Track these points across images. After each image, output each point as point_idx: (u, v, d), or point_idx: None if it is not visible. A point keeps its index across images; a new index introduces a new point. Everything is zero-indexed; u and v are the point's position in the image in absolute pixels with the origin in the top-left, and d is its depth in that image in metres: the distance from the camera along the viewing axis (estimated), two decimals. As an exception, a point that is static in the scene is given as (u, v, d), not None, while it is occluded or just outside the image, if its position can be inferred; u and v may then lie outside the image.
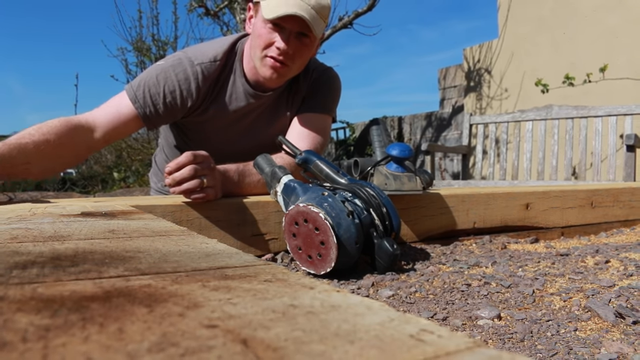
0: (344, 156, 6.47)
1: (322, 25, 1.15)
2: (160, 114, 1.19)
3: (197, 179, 0.87)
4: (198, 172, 0.88)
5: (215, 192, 0.92)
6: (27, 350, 0.18)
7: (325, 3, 1.13)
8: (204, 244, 0.43)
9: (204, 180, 0.88)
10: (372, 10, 4.66)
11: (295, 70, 1.22)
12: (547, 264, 0.86)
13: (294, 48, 1.15)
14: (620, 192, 1.40)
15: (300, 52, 1.17)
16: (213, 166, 0.92)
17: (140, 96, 1.17)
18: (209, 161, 0.91)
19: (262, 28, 1.15)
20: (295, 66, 1.20)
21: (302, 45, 1.16)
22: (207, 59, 1.21)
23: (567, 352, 0.50)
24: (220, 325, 0.21)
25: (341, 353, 0.18)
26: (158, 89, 1.17)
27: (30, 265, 0.33)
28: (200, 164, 0.89)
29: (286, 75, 1.21)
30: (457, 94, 5.42)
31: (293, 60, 1.17)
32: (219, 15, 5.12)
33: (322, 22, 1.15)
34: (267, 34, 1.14)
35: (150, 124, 1.20)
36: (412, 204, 1.08)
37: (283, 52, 1.14)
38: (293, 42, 1.14)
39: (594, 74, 3.46)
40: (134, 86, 1.18)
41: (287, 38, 1.13)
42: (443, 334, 0.20)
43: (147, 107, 1.17)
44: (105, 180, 7.15)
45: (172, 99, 1.19)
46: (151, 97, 1.17)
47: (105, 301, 0.25)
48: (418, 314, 0.62)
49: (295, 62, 1.18)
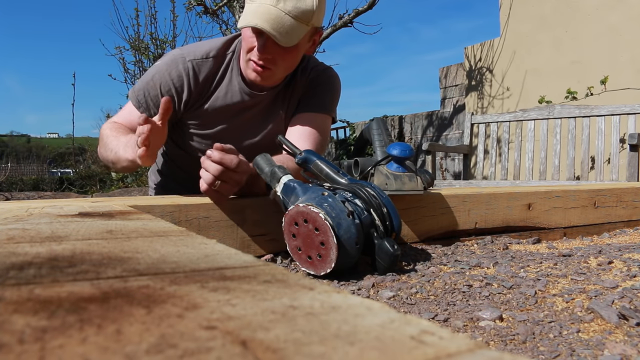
0: (344, 156, 6.47)
1: (301, 30, 1.12)
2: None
3: (213, 177, 0.88)
4: (222, 175, 0.88)
5: (229, 191, 0.92)
6: (24, 352, 0.18)
7: (306, 7, 1.10)
8: (202, 244, 0.43)
9: (217, 183, 0.89)
10: (372, 8, 4.66)
11: (282, 72, 1.22)
12: (550, 265, 0.86)
13: (274, 52, 1.14)
14: (624, 192, 1.40)
15: (282, 56, 1.16)
16: (238, 169, 0.90)
17: (142, 100, 1.23)
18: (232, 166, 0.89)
19: (246, 32, 1.16)
20: (280, 69, 1.20)
21: (282, 50, 1.15)
22: (200, 55, 1.24)
23: (570, 353, 0.50)
24: (219, 327, 0.21)
25: (341, 354, 0.18)
26: (156, 91, 1.22)
27: (27, 266, 0.33)
28: (226, 167, 0.88)
29: (271, 77, 1.21)
30: (459, 93, 5.42)
31: (275, 64, 1.17)
32: (217, 13, 5.11)
33: (302, 26, 1.11)
34: (249, 38, 1.15)
35: None
36: (413, 204, 1.08)
37: (262, 57, 1.15)
38: (271, 48, 1.14)
39: (595, 87, 3.47)
40: (135, 91, 1.24)
41: (263, 44, 1.13)
42: (444, 336, 0.20)
43: (150, 109, 1.22)
44: (103, 180, 7.16)
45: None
46: (152, 100, 1.22)
47: (103, 302, 0.24)
48: (419, 315, 0.62)
49: (278, 66, 1.18)
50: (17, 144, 36.69)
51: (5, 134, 48.12)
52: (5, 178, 7.46)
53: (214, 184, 0.88)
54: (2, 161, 15.34)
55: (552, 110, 3.46)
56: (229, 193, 0.91)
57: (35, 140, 44.77)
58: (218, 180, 0.88)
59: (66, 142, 19.56)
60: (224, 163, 0.88)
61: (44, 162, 16.82)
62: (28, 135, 54.20)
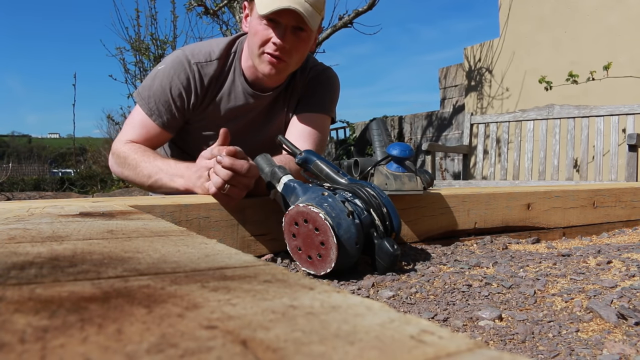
0: (344, 156, 6.47)
1: (317, 19, 1.14)
2: (177, 118, 1.24)
3: (223, 181, 0.88)
4: (232, 179, 0.88)
5: (239, 195, 0.91)
6: (25, 352, 0.18)
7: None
8: (203, 244, 0.43)
9: (227, 187, 0.89)
10: (372, 9, 4.66)
11: (293, 65, 1.22)
12: (549, 265, 0.86)
13: (291, 43, 1.15)
14: (623, 192, 1.40)
15: (297, 47, 1.17)
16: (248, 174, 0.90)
17: (154, 108, 1.22)
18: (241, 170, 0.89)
19: (258, 25, 1.15)
20: (293, 61, 1.20)
21: (298, 39, 1.16)
22: (203, 57, 1.24)
23: (569, 353, 0.50)
24: (219, 326, 0.21)
25: (341, 354, 0.18)
26: (166, 96, 1.22)
27: (28, 265, 0.33)
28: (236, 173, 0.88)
29: (285, 70, 1.21)
30: (458, 94, 5.42)
31: (290, 55, 1.17)
32: (218, 14, 5.11)
33: (318, 15, 1.14)
34: (263, 31, 1.15)
35: (172, 130, 1.25)
36: (413, 204, 1.08)
37: (280, 47, 1.14)
38: (289, 37, 1.14)
39: (597, 72, 3.46)
40: (145, 99, 1.22)
41: (282, 33, 1.13)
42: (444, 335, 0.20)
43: (164, 116, 1.22)
44: (104, 180, 7.16)
45: (180, 101, 1.23)
46: (163, 105, 1.22)
47: (103, 302, 0.24)
48: (418, 314, 0.62)
49: (292, 57, 1.18)
50: (18, 144, 36.69)
51: (7, 134, 48.10)
52: (6, 178, 7.46)
53: (223, 187, 0.88)
54: (4, 161, 15.34)
55: (552, 111, 3.46)
56: (238, 197, 0.91)
57: (36, 141, 44.75)
58: (227, 185, 0.88)
59: (67, 143, 19.56)
60: (235, 169, 0.87)
61: (45, 162, 16.82)
62: (29, 135, 54.16)
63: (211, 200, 0.92)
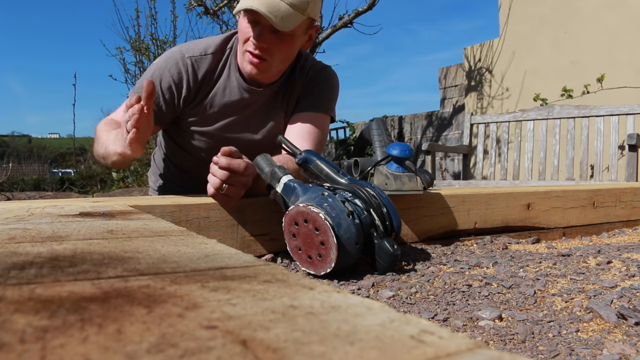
0: (344, 156, 6.46)
1: (297, 19, 1.11)
2: (165, 111, 1.23)
3: (221, 181, 0.88)
4: (229, 179, 0.88)
5: (237, 193, 0.92)
6: (25, 351, 0.18)
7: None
8: (203, 244, 0.43)
9: (225, 187, 0.89)
10: (372, 9, 4.66)
11: (277, 65, 1.21)
12: (549, 265, 0.86)
13: (270, 42, 1.14)
14: (622, 192, 1.40)
15: (279, 46, 1.16)
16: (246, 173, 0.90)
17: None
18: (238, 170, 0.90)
19: (242, 22, 1.16)
20: (276, 60, 1.19)
21: (278, 39, 1.14)
22: (198, 51, 1.24)
23: (569, 353, 0.50)
24: (219, 326, 0.21)
25: (341, 354, 0.18)
26: (156, 89, 1.20)
27: (28, 265, 0.33)
28: (234, 172, 0.88)
29: (267, 70, 1.19)
30: (458, 94, 5.42)
31: (271, 55, 1.16)
32: (218, 14, 5.11)
33: (299, 15, 1.11)
34: (245, 28, 1.15)
35: (159, 123, 1.24)
36: (413, 204, 1.08)
37: (258, 46, 1.14)
38: (267, 36, 1.13)
39: (592, 85, 3.48)
40: (136, 89, 1.23)
41: (259, 32, 1.12)
42: (444, 335, 0.20)
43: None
44: (104, 180, 7.16)
45: (169, 94, 1.22)
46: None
47: (103, 302, 0.24)
48: (418, 314, 0.62)
49: (274, 57, 1.17)
50: (18, 144, 36.66)
51: (7, 134, 48.06)
52: (6, 178, 7.46)
53: (222, 187, 0.88)
54: (4, 161, 15.32)
55: (551, 111, 3.46)
56: (237, 196, 0.91)
57: (36, 141, 44.72)
58: (225, 184, 0.88)
59: (67, 142, 19.54)
60: (232, 168, 0.88)
61: (45, 162, 16.81)
62: (29, 135, 54.13)
63: (211, 200, 0.92)
